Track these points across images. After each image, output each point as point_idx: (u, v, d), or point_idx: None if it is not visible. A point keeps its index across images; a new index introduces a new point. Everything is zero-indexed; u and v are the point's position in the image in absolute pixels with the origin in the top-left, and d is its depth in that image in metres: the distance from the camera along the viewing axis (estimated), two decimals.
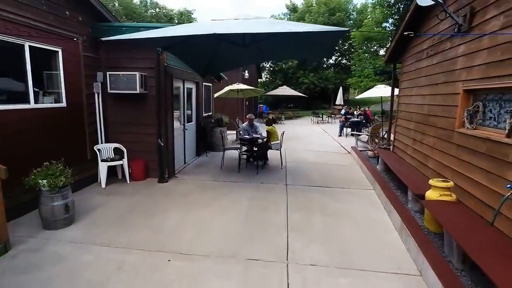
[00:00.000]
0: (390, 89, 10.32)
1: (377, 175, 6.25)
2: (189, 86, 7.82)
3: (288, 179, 6.42)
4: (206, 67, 6.74)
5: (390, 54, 7.59)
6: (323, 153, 9.65)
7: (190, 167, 7.34)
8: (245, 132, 7.76)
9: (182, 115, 7.38)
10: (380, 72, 15.98)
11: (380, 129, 10.59)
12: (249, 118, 7.73)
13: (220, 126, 9.27)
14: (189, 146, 7.99)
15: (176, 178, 6.35)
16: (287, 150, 9.84)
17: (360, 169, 7.41)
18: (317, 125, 18.90)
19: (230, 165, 7.53)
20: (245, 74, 15.21)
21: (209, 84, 9.59)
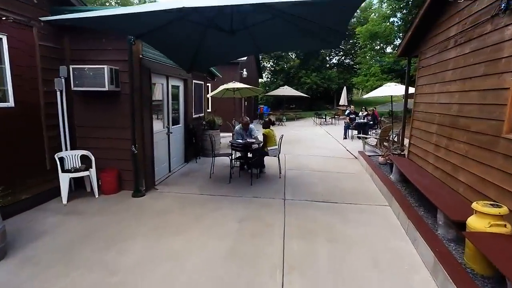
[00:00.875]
0: (403, 87, 9.35)
1: (392, 187, 5.26)
2: (175, 84, 6.88)
3: (287, 191, 5.45)
4: (192, 61, 5.78)
5: (405, 46, 6.61)
6: (327, 158, 8.67)
7: (175, 177, 6.39)
8: (238, 136, 6.81)
9: (166, 116, 6.44)
10: (388, 70, 14.98)
11: (390, 131, 9.60)
12: (243, 121, 6.78)
13: (212, 128, 8.33)
14: (176, 152, 7.05)
15: (156, 191, 5.40)
16: (288, 155, 8.87)
17: (370, 179, 6.43)
18: (320, 127, 17.92)
19: (221, 173, 6.57)
20: (244, 73, 14.28)
21: (201, 82, 8.66)
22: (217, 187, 5.66)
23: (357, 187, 5.83)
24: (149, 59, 5.31)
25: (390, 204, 4.84)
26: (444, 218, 3.50)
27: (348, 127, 12.76)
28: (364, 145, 9.74)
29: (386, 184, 5.41)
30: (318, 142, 11.95)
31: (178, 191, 5.42)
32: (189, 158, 7.73)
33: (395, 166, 5.94)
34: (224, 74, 14.05)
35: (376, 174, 6.15)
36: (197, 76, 8.26)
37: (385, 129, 9.24)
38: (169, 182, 6.00)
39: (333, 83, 28.29)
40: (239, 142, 6.26)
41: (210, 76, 9.37)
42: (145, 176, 5.30)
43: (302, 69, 28.96)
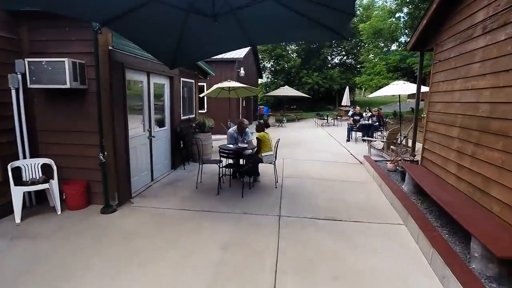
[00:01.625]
0: (413, 85, 8.56)
1: (407, 201, 4.48)
2: (158, 82, 6.14)
3: (283, 206, 4.68)
4: (174, 55, 5.03)
5: (418, 38, 5.84)
6: (330, 163, 7.90)
7: (158, 187, 5.64)
8: (231, 140, 6.05)
9: (147, 118, 5.69)
10: (394, 68, 14.19)
11: (398, 134, 8.81)
12: (240, 123, 6.02)
13: (203, 131, 7.58)
14: (160, 158, 6.29)
15: (131, 205, 4.64)
16: (286, 160, 8.11)
17: (379, 189, 5.65)
18: (321, 128, 17.14)
19: (210, 182, 5.81)
20: (241, 72, 13.54)
21: (191, 80, 7.91)
22: (202, 200, 4.89)
23: (364, 200, 5.06)
24: (122, 52, 4.56)
25: (405, 223, 4.06)
26: (483, 250, 2.72)
27: (352, 129, 11.97)
28: (369, 148, 8.95)
29: (398, 197, 4.63)
30: (320, 145, 11.17)
31: (157, 205, 4.66)
32: (176, 164, 6.98)
33: (409, 175, 5.16)
34: (220, 73, 13.34)
35: (385, 184, 5.38)
36: (187, 74, 7.51)
37: (393, 131, 8.46)
38: (148, 193, 5.24)
39: (335, 83, 27.50)
40: (229, 148, 5.49)
41: (202, 74, 8.62)
42: (118, 188, 4.54)
43: (303, 68, 28.20)
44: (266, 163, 5.63)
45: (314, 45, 29.39)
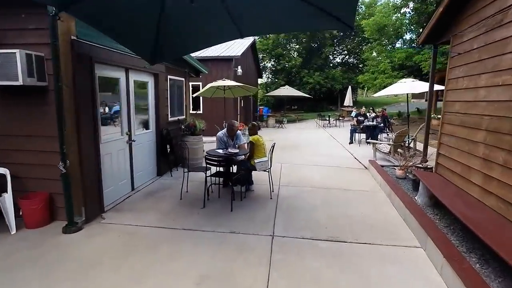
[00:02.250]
0: (424, 83, 7.90)
1: (423, 217, 3.81)
2: (140, 79, 5.51)
3: (277, 221, 4.03)
4: (153, 48, 4.39)
5: (432, 29, 5.17)
6: (332, 169, 7.24)
7: (137, 197, 5.00)
8: (221, 144, 5.41)
9: (126, 120, 5.05)
10: (399, 66, 13.51)
11: (406, 136, 8.14)
12: (230, 125, 5.37)
13: (193, 134, 6.93)
14: (143, 164, 5.65)
15: (100, 222, 4.00)
16: (284, 165, 7.45)
17: (388, 200, 4.98)
18: (323, 129, 16.47)
19: (196, 192, 5.17)
20: (238, 70, 12.90)
21: (180, 78, 7.27)
22: (185, 215, 4.24)
23: (372, 213, 4.39)
24: (90, 44, 3.92)
25: (423, 245, 3.39)
26: None
27: (355, 131, 11.30)
28: (375, 152, 8.28)
29: (412, 211, 3.97)
30: (321, 147, 10.50)
31: (131, 221, 4.02)
32: (163, 170, 6.34)
33: (423, 185, 4.49)
34: (217, 72, 12.70)
35: (395, 194, 4.71)
36: (175, 71, 6.88)
37: (401, 133, 7.78)
38: (125, 206, 4.60)
39: (337, 83, 26.81)
40: (218, 154, 4.83)
41: (193, 72, 7.98)
42: (85, 202, 3.90)
43: (304, 68, 27.53)
44: (260, 171, 4.97)
45: (315, 44, 28.74)
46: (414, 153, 8.67)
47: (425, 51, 12.06)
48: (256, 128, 5.09)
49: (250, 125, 5.13)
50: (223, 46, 15.06)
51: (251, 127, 5.10)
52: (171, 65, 6.53)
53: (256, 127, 5.10)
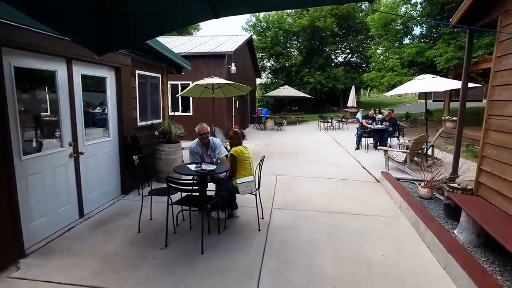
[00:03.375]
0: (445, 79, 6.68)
1: (481, 275, 2.58)
2: (93, 74, 4.31)
3: (264, 277, 2.81)
4: (97, 32, 3.15)
5: (471, 6, 3.95)
6: (337, 182, 6.03)
7: (83, 229, 3.79)
8: (194, 157, 4.20)
9: (69, 127, 3.85)
10: (409, 63, 12.28)
11: (424, 143, 6.90)
12: (200, 132, 4.16)
13: (169, 141, 5.72)
14: (98, 183, 4.45)
15: (9, 276, 2.79)
16: (281, 177, 6.26)
17: (414, 232, 3.75)
18: (325, 132, 15.24)
19: (161, 220, 3.94)
20: (232, 68, 11.71)
21: (155, 74, 6.07)
22: (135, 262, 3.03)
23: (398, 257, 3.16)
24: None
25: None
26: None
27: (362, 135, 10.06)
28: (386, 161, 7.05)
29: (457, 257, 2.75)
30: (323, 154, 9.28)
31: (54, 274, 2.81)
32: (129, 187, 5.14)
33: (468, 217, 3.25)
34: (208, 69, 11.52)
35: (425, 225, 3.49)
36: (147, 66, 5.68)
37: (419, 139, 6.55)
38: (60, 244, 3.38)
39: (339, 83, 25.54)
40: (187, 172, 3.60)
41: (174, 67, 6.79)
42: None
43: (305, 67, 26.29)
44: (243, 194, 3.73)
45: (316, 42, 27.53)
46: (432, 161, 7.47)
47: (440, 45, 10.81)
48: (239, 137, 3.86)
49: (231, 133, 3.90)
50: (216, 42, 13.90)
51: (232, 136, 3.87)
52: (140, 57, 5.34)
53: (239, 135, 3.87)
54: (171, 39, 16.09)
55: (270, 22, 27.45)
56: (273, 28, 27.24)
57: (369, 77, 14.73)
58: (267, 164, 8.01)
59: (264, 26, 28.19)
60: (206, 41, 14.46)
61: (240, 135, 3.86)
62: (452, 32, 10.39)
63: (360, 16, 26.78)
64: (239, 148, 3.78)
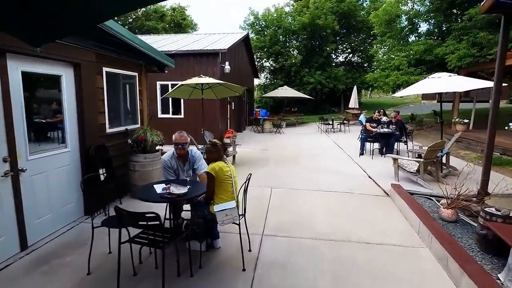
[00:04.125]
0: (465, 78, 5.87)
1: None
2: (40, 71, 3.50)
3: None
4: (26, 16, 2.32)
5: None
6: (341, 197, 5.21)
7: (18, 269, 2.97)
8: (167, 173, 3.40)
9: (4, 139, 3.04)
10: (416, 62, 11.45)
11: (440, 150, 6.08)
12: (176, 141, 3.36)
13: (145, 151, 4.90)
14: (50, 205, 3.64)
15: None
16: (276, 190, 5.48)
17: (444, 273, 2.93)
18: (326, 135, 14.42)
19: (125, 254, 3.12)
20: (226, 67, 10.89)
21: (130, 73, 5.26)
22: None
23: None
24: None
25: None
26: None
27: (366, 139, 9.24)
28: (396, 170, 6.23)
29: None
30: (325, 160, 8.47)
31: None
32: (93, 207, 4.30)
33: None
34: (200, 68, 10.71)
35: (458, 266, 2.67)
36: (119, 62, 4.87)
37: (435, 146, 5.72)
38: None
39: (340, 83, 24.68)
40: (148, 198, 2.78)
41: (155, 65, 5.98)
42: None
43: (305, 67, 25.46)
44: (222, 224, 2.89)
45: (316, 42, 26.72)
46: (448, 170, 6.65)
47: (450, 41, 9.98)
48: (219, 150, 3.03)
49: (208, 146, 3.06)
50: (210, 40, 13.10)
51: (209, 149, 3.03)
52: (109, 52, 4.53)
53: (218, 148, 3.03)
54: (163, 37, 15.31)
55: (269, 21, 26.64)
56: (272, 27, 26.43)
57: (373, 77, 13.89)
58: (262, 172, 7.23)
59: (263, 25, 27.39)
60: (199, 39, 13.66)
61: (220, 148, 3.03)
62: (464, 27, 9.57)
63: (362, 14, 25.95)
64: (218, 164, 2.95)
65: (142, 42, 4.99)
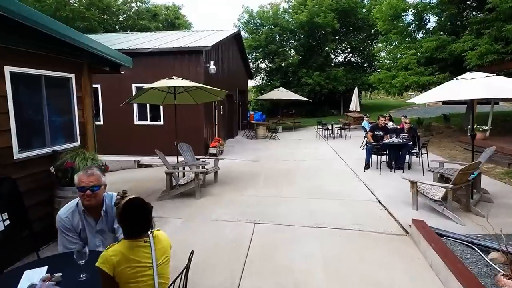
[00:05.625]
0: None
1: None
2: None
3: None
4: None
5: None
6: (346, 239, 3.88)
7: None
8: (65, 239, 2.06)
9: None
10: (426, 61, 10.14)
11: (473, 171, 4.73)
12: (79, 184, 2.03)
13: (73, 183, 3.54)
14: None
15: None
16: (260, 227, 4.17)
17: None
18: (325, 141, 13.07)
19: None
20: (211, 67, 9.53)
21: (62, 75, 3.91)
22: None
23: None
24: None
25: None
26: None
27: (371, 150, 7.90)
28: (415, 195, 4.90)
29: None
30: (324, 177, 7.14)
31: None
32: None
33: None
34: (181, 69, 9.36)
35: None
36: (42, 60, 3.52)
37: (468, 168, 4.38)
38: None
39: (340, 84, 23.35)
40: None
41: (104, 63, 4.63)
42: None
43: (303, 67, 24.14)
44: None
45: (315, 41, 25.40)
46: (480, 195, 5.31)
47: (467, 37, 8.65)
48: (136, 213, 1.65)
49: (116, 202, 1.70)
50: (195, 37, 11.75)
51: (119, 211, 1.67)
52: (21, 45, 3.19)
53: (135, 209, 1.66)
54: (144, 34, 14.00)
55: (264, 19, 25.31)
56: (268, 25, 25.10)
57: (377, 78, 12.56)
58: (247, 197, 5.71)
59: (258, 23, 26.05)
60: (184, 36, 12.31)
61: (137, 209, 1.66)
62: (484, 20, 8.26)
63: (362, 12, 24.66)
64: (121, 249, 1.58)
65: (77, 34, 3.65)
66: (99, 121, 10.17)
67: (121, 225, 1.67)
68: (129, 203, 1.63)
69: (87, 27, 22.65)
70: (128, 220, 1.63)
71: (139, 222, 1.64)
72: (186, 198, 5.62)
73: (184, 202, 5.42)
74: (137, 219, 1.63)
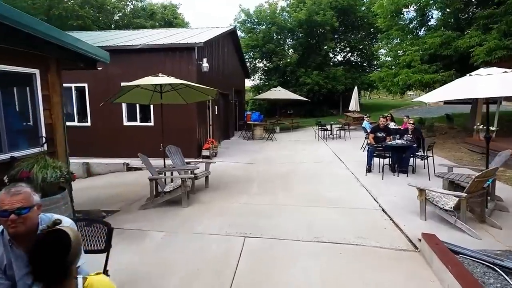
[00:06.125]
0: None
1: None
2: None
3: None
4: None
5: None
6: (347, 257, 3.40)
7: None
8: None
9: None
10: (430, 58, 9.68)
11: (490, 178, 4.26)
12: (4, 207, 1.54)
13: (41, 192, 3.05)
14: None
15: None
16: (250, 242, 3.67)
17: None
18: (324, 142, 12.61)
19: None
20: (203, 65, 9.05)
21: (26, 70, 3.42)
22: None
23: None
24: None
25: None
26: None
27: (373, 153, 7.43)
28: (423, 204, 4.42)
29: None
30: (323, 183, 6.65)
31: None
32: None
33: None
34: (172, 66, 8.88)
35: None
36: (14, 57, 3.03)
37: (484, 175, 3.91)
38: None
39: (339, 83, 22.88)
40: None
41: (78, 59, 4.14)
42: None
43: (301, 67, 23.66)
44: None
45: (314, 40, 24.93)
46: (494, 203, 4.84)
47: (473, 32, 8.18)
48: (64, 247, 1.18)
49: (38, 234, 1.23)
50: (188, 34, 11.27)
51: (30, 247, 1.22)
52: None
53: (33, 242, 1.18)
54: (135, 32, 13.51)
55: (261, 17, 24.81)
56: (265, 24, 24.61)
57: (378, 76, 12.09)
58: (238, 205, 5.16)
59: (255, 22, 25.55)
60: (177, 33, 11.83)
61: (53, 246, 1.18)
62: (492, 14, 7.79)
63: (362, 10, 24.19)
64: None
65: (38, 23, 3.16)
66: (86, 122, 9.70)
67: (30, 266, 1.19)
68: (44, 237, 1.16)
69: (81, 26, 22.14)
70: (35, 261, 1.15)
71: (52, 265, 1.16)
72: (172, 207, 5.14)
73: (169, 212, 4.93)
74: (48, 261, 1.15)
